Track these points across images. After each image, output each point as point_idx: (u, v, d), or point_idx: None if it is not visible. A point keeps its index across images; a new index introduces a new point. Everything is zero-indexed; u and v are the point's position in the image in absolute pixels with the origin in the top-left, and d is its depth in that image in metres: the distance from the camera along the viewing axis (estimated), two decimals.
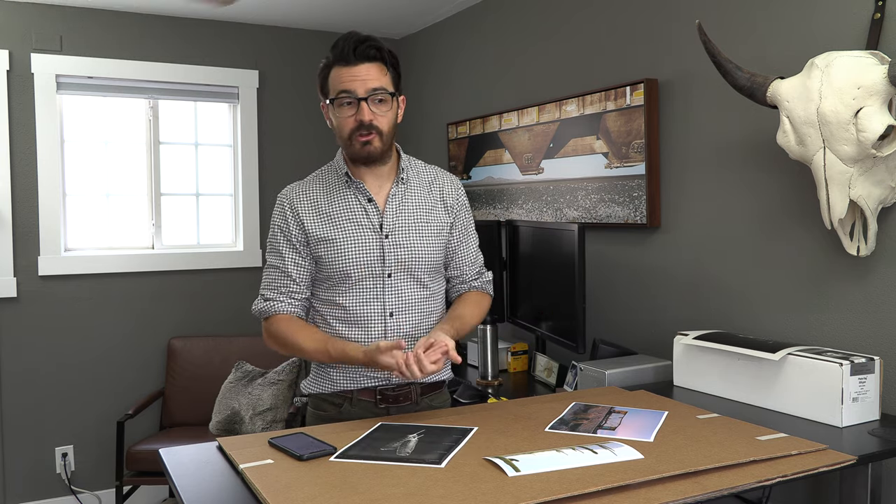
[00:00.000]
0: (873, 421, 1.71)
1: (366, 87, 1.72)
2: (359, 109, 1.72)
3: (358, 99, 1.72)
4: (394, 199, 1.82)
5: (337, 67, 1.74)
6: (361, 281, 1.78)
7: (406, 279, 1.81)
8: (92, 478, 3.71)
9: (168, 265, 3.84)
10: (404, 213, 1.83)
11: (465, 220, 1.93)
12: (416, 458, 1.38)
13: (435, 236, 1.85)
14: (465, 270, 1.94)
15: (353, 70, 1.72)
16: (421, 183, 1.88)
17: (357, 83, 1.71)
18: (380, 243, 1.79)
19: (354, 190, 1.82)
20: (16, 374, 3.55)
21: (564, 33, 2.97)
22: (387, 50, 1.77)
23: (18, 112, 3.53)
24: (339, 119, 1.76)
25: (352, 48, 1.72)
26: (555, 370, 2.68)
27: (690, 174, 2.41)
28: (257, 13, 3.82)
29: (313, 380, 1.87)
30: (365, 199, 1.81)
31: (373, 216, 1.80)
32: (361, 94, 1.72)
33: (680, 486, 1.26)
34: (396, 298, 1.80)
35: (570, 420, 1.64)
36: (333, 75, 1.75)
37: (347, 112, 1.74)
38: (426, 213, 1.86)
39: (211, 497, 1.30)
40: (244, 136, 4.00)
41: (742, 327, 2.24)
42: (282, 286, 1.82)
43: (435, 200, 1.88)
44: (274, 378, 3.48)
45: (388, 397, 1.81)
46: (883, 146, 1.68)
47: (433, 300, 1.88)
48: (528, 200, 3.15)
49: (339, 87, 1.73)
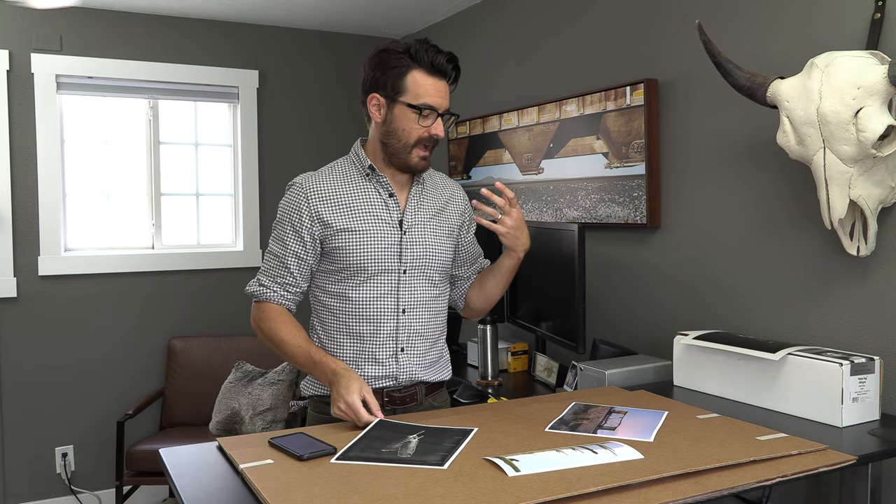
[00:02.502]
0: (873, 421, 1.71)
1: (445, 105, 1.76)
2: (434, 123, 1.75)
3: (439, 114, 1.74)
4: (413, 197, 1.84)
5: (423, 73, 1.73)
6: (377, 275, 1.79)
7: (419, 277, 1.83)
8: (92, 478, 3.71)
9: (168, 265, 3.85)
10: (422, 212, 1.85)
11: (470, 224, 2.00)
12: (418, 459, 1.38)
13: (448, 236, 1.89)
14: (475, 269, 2.02)
15: (441, 84, 1.75)
16: (434, 185, 1.92)
17: (441, 99, 1.74)
18: (398, 239, 1.79)
19: (376, 184, 1.82)
20: (16, 374, 3.55)
21: (564, 33, 2.97)
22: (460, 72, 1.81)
23: (18, 112, 3.53)
24: (409, 125, 1.74)
25: (448, 64, 1.74)
26: (555, 370, 2.68)
27: (690, 174, 2.41)
28: (257, 13, 3.82)
29: (314, 381, 1.85)
30: (387, 194, 1.81)
31: (393, 211, 1.81)
32: (442, 111, 1.76)
33: (680, 486, 1.26)
34: (410, 295, 1.82)
35: (570, 420, 1.64)
36: (418, 80, 1.73)
37: (425, 122, 1.74)
38: (439, 213, 1.89)
39: (211, 497, 1.30)
40: (244, 136, 4.00)
41: (742, 327, 2.24)
42: (279, 276, 1.81)
43: (446, 203, 1.92)
44: (274, 378, 3.48)
45: (395, 399, 1.82)
46: (883, 146, 1.68)
47: (440, 300, 1.91)
48: (528, 200, 3.15)
49: (426, 98, 1.72)
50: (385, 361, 1.80)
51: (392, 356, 1.80)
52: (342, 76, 4.24)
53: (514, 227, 1.78)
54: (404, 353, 1.82)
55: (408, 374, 1.82)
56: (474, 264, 2.02)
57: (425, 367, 1.86)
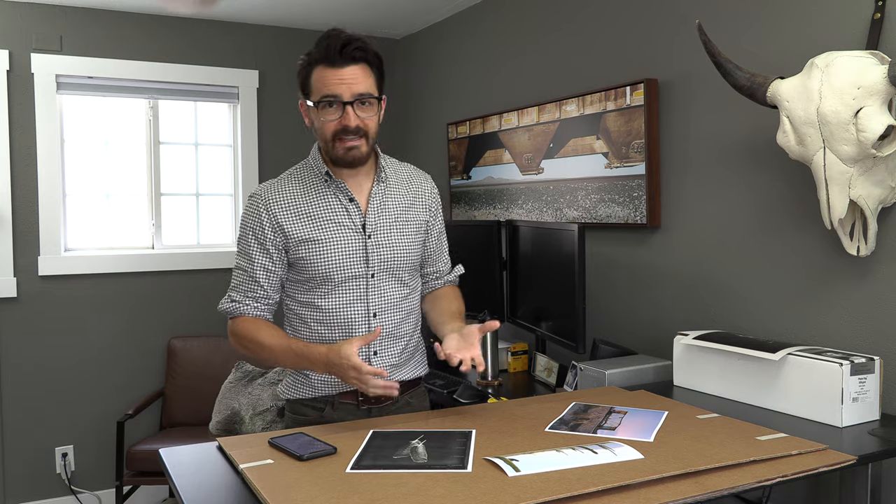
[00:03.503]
0: (873, 421, 1.71)
1: (352, 91, 1.66)
2: (344, 114, 1.67)
3: (343, 103, 1.67)
4: (375, 198, 1.80)
5: (321, 68, 1.67)
6: (344, 283, 1.76)
7: (388, 279, 1.79)
8: (92, 478, 3.71)
9: (168, 265, 3.84)
10: (386, 213, 1.80)
11: (440, 219, 1.94)
12: (436, 464, 1.36)
13: (414, 234, 1.84)
14: (441, 266, 1.95)
15: (339, 73, 1.66)
16: (399, 181, 1.86)
17: (343, 87, 1.65)
18: (363, 244, 1.76)
19: (335, 189, 1.78)
20: (16, 374, 3.54)
21: (564, 33, 2.97)
22: (373, 51, 1.71)
23: (18, 112, 3.53)
24: (322, 122, 1.70)
25: (338, 49, 1.64)
26: (555, 370, 2.68)
27: (690, 174, 2.41)
28: (257, 13, 3.82)
29: (292, 385, 1.83)
30: (346, 199, 1.77)
31: (355, 216, 1.77)
32: (347, 98, 1.66)
33: (680, 486, 1.26)
34: (380, 298, 1.78)
35: (570, 420, 1.64)
36: (317, 76, 1.68)
37: (331, 115, 1.68)
38: (406, 212, 1.84)
39: (211, 497, 1.30)
40: (244, 136, 4.00)
41: (742, 327, 2.24)
42: (249, 291, 1.78)
43: (413, 198, 1.87)
44: (274, 378, 3.48)
45: (369, 398, 1.79)
46: (883, 146, 1.68)
47: (412, 298, 1.87)
48: (528, 200, 3.15)
49: (323, 90, 1.67)
50: None
51: (365, 360, 1.76)
52: None
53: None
54: (377, 356, 1.79)
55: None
56: (438, 262, 1.95)
57: (399, 366, 1.83)
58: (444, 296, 1.92)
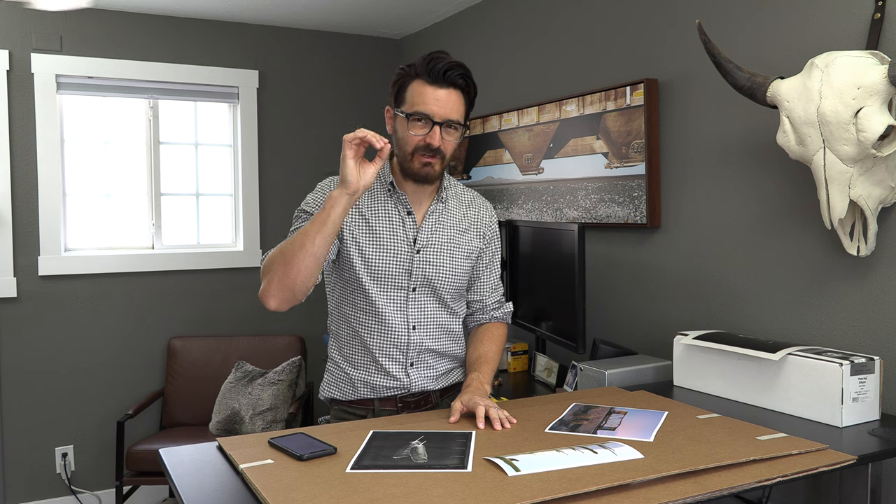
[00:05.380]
0: (873, 421, 1.71)
1: (444, 113, 1.69)
2: (430, 132, 1.69)
3: (434, 122, 1.69)
4: (431, 216, 1.82)
5: (421, 83, 1.69)
6: (386, 291, 1.78)
7: (429, 295, 1.82)
8: (92, 478, 3.71)
9: (168, 265, 3.85)
10: (439, 232, 1.83)
11: (494, 248, 1.94)
12: (436, 464, 1.36)
13: (464, 258, 1.86)
14: (486, 298, 1.94)
15: (437, 93, 1.69)
16: (459, 204, 1.89)
17: (437, 107, 1.68)
18: (410, 257, 1.79)
19: (396, 200, 1.80)
20: (16, 374, 3.55)
21: (564, 33, 2.97)
22: (472, 82, 1.75)
23: (18, 112, 3.53)
24: (408, 134, 1.71)
25: (443, 70, 1.68)
26: (555, 370, 2.68)
27: (690, 174, 2.41)
28: (257, 13, 3.82)
29: (332, 382, 1.87)
30: (405, 212, 1.80)
31: (409, 229, 1.80)
32: (439, 119, 1.69)
33: (680, 486, 1.26)
34: (419, 312, 1.81)
35: (570, 421, 1.64)
36: (416, 89, 1.70)
37: (418, 130, 1.70)
38: (459, 235, 1.86)
39: (211, 497, 1.30)
40: (244, 136, 4.00)
41: (742, 327, 2.24)
42: None
43: (469, 223, 1.89)
44: (274, 378, 3.48)
45: (408, 404, 1.83)
46: (883, 146, 1.68)
47: (454, 320, 1.89)
48: (528, 200, 3.15)
49: (418, 105, 1.69)
50: (395, 374, 1.81)
51: (402, 370, 1.82)
52: (342, 76, 4.24)
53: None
54: (414, 367, 1.83)
55: (419, 386, 1.84)
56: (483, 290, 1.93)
57: (435, 378, 1.87)
58: (486, 335, 1.90)
